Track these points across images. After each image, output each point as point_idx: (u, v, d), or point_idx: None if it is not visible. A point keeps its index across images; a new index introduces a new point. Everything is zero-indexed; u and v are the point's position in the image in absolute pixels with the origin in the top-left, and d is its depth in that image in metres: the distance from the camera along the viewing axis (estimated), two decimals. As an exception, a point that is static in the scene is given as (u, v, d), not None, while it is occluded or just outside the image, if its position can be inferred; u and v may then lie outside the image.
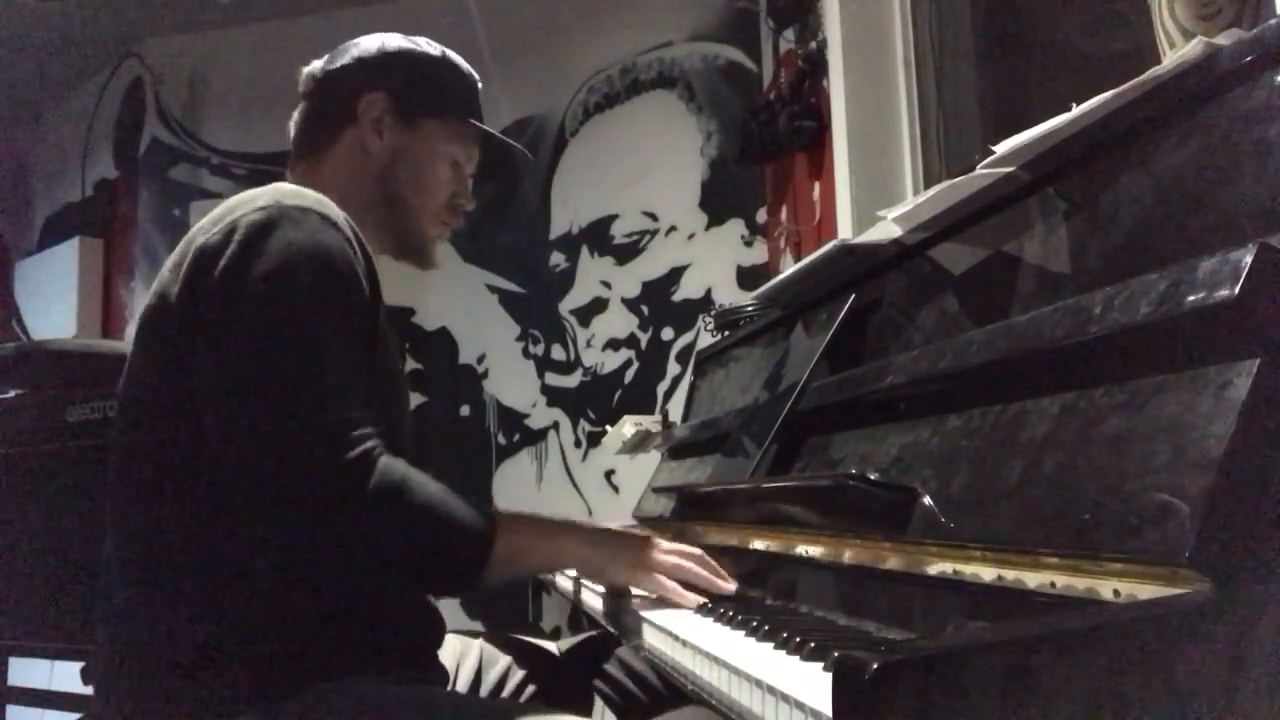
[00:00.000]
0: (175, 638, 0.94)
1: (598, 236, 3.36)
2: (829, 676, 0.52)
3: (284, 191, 1.03)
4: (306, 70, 1.27)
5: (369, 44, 1.25)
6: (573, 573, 1.46)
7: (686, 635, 0.86)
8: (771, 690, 0.65)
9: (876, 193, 2.36)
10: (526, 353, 3.51)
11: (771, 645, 0.80)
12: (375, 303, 1.03)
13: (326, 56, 1.26)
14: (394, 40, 1.26)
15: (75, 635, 1.70)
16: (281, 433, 0.89)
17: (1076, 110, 0.87)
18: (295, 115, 1.26)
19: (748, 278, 2.94)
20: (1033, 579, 0.69)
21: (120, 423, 1.03)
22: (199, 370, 0.94)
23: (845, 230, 2.37)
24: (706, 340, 2.47)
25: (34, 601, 1.74)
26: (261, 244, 0.95)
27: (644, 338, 3.23)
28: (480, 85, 1.30)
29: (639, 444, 2.32)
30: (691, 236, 3.14)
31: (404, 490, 0.91)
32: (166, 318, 0.98)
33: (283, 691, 0.92)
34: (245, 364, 0.92)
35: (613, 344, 3.31)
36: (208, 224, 1.01)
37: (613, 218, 3.33)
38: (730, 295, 2.93)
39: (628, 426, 2.32)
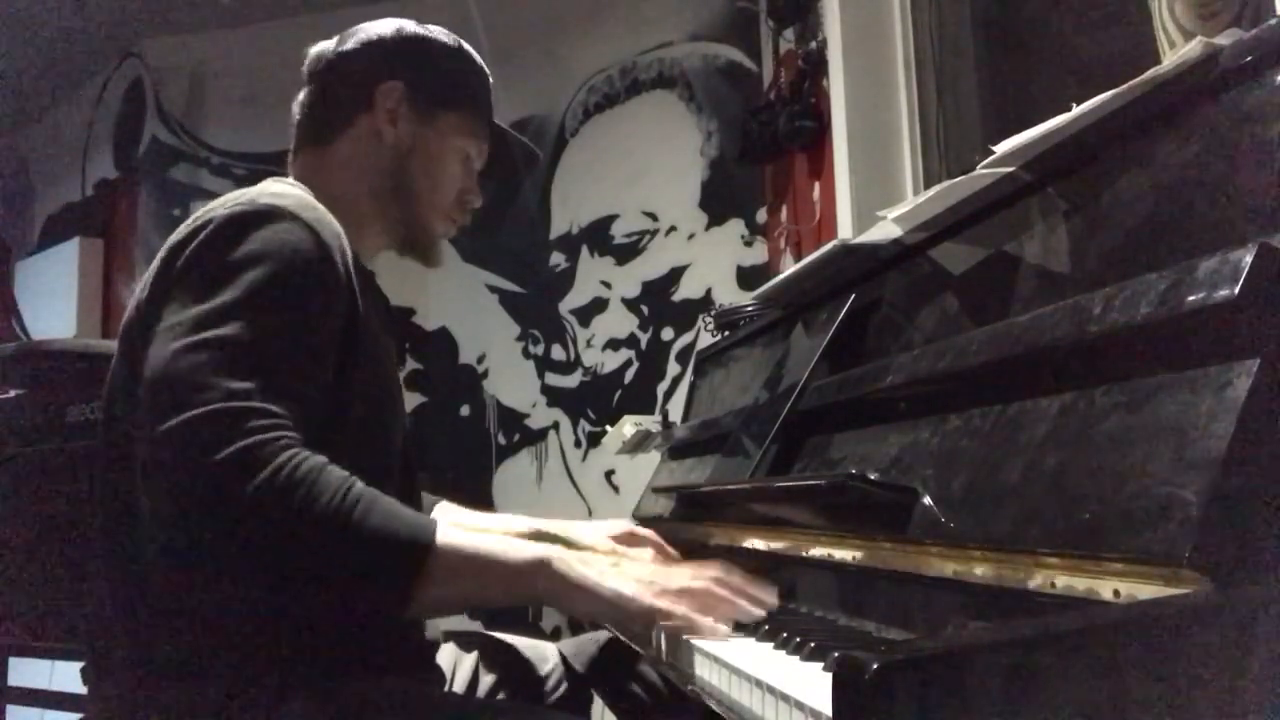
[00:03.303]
0: (164, 643, 0.93)
1: (598, 236, 3.36)
2: (829, 676, 0.52)
3: (264, 191, 1.00)
4: (315, 51, 1.22)
5: (384, 28, 1.21)
6: None
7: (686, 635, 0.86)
8: (771, 690, 0.65)
9: (876, 193, 2.36)
10: (526, 353, 3.50)
11: (771, 645, 0.80)
12: (353, 310, 0.99)
13: (336, 38, 1.21)
14: (410, 26, 1.21)
15: (75, 635, 1.70)
16: (174, 407, 0.80)
17: (1076, 110, 0.86)
18: (301, 98, 1.21)
19: (748, 278, 2.94)
20: (1033, 579, 0.69)
21: (102, 430, 1.01)
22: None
23: (845, 230, 2.36)
24: (706, 340, 2.47)
25: (34, 601, 1.74)
26: (224, 240, 0.92)
27: (644, 338, 3.23)
28: (491, 81, 1.27)
29: (639, 444, 2.32)
30: (691, 236, 3.14)
31: (302, 487, 0.79)
32: (139, 323, 0.95)
33: (277, 695, 0.92)
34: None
35: (613, 344, 3.31)
36: (183, 227, 0.98)
37: (613, 218, 3.33)
38: (730, 295, 2.92)
39: (628, 426, 2.32)
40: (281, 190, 1.03)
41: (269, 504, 0.78)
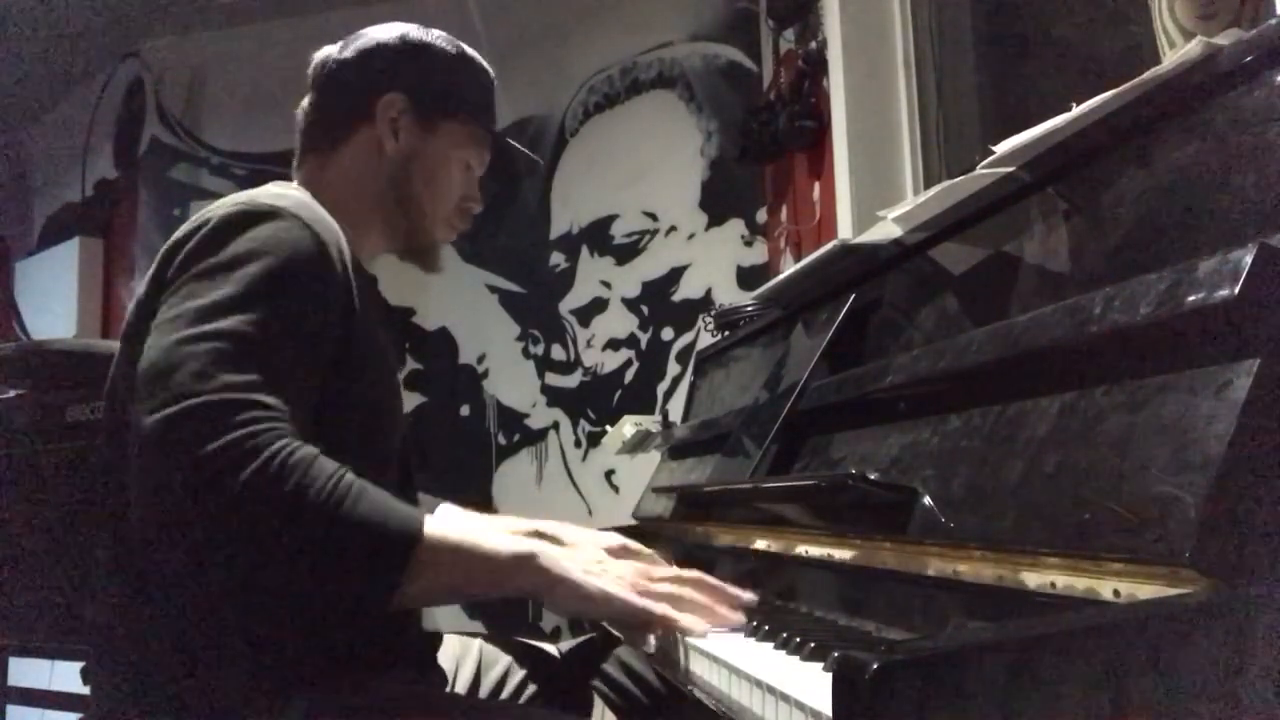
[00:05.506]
0: (166, 642, 0.93)
1: (598, 236, 3.36)
2: (829, 676, 0.52)
3: (265, 192, 1.01)
4: (319, 56, 1.21)
5: (386, 35, 1.20)
6: None
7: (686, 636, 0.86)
8: (771, 690, 0.65)
9: (876, 193, 2.36)
10: (526, 353, 3.50)
11: (772, 645, 0.80)
12: (350, 310, 1.00)
13: (340, 44, 1.21)
14: (413, 33, 1.21)
15: (75, 635, 1.70)
16: (171, 398, 0.80)
17: (1076, 110, 0.87)
18: (305, 104, 1.21)
19: (748, 278, 2.94)
20: (1033, 579, 0.69)
21: (103, 430, 1.01)
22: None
23: (845, 230, 2.37)
24: (706, 340, 2.47)
25: (34, 601, 1.74)
26: (223, 236, 0.93)
27: (644, 338, 3.23)
28: (495, 83, 1.26)
29: (639, 444, 2.32)
30: (691, 236, 3.14)
31: (293, 475, 0.79)
32: (140, 320, 0.95)
33: (279, 694, 0.92)
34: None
35: (613, 344, 3.31)
36: (184, 226, 0.98)
37: (613, 218, 3.33)
38: (730, 295, 2.92)
39: (628, 426, 2.32)
40: (281, 191, 1.04)
41: (260, 493, 0.78)
